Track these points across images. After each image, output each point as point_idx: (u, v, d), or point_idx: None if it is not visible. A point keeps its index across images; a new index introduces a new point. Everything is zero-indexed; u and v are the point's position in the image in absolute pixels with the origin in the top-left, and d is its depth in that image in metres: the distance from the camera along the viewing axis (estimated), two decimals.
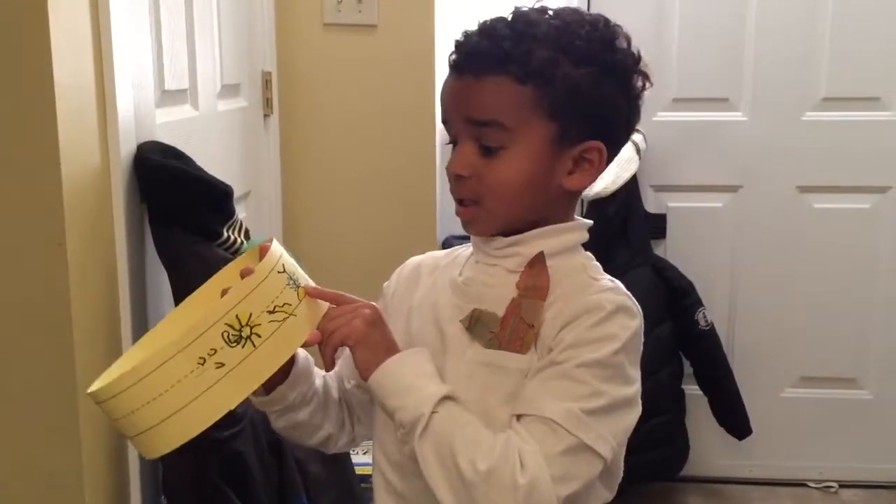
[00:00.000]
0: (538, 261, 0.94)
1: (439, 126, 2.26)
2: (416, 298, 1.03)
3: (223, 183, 1.43)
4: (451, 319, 0.97)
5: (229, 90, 1.88)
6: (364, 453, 2.06)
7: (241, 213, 1.59)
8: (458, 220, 0.98)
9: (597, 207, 2.20)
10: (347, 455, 1.71)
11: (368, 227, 2.26)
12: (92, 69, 1.20)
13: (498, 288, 0.95)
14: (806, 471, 2.56)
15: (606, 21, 0.96)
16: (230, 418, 0.93)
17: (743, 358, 2.50)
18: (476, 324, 0.94)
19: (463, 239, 2.05)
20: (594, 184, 1.00)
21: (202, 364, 0.80)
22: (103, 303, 1.24)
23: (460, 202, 0.96)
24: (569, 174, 0.95)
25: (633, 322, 0.92)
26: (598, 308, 0.90)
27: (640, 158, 2.30)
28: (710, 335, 2.34)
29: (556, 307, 0.92)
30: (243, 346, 0.82)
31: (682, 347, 2.34)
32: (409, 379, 0.90)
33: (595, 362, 0.88)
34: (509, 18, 0.94)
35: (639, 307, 0.94)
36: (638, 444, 0.98)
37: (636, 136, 2.28)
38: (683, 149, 2.41)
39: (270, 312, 0.84)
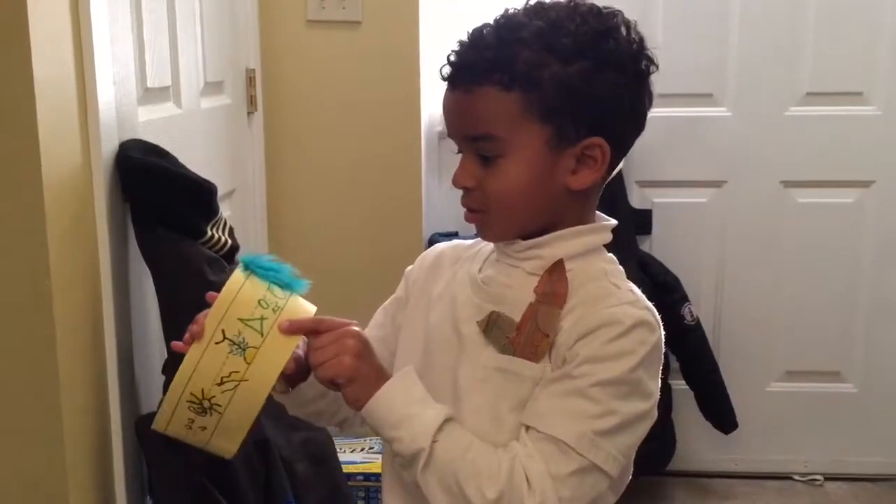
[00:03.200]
0: (557, 267, 0.93)
1: (424, 122, 2.26)
2: (436, 290, 1.02)
3: (207, 181, 1.42)
4: (469, 319, 0.96)
5: (213, 87, 1.87)
6: (351, 451, 2.05)
7: (225, 211, 1.58)
8: (443, 218, 0.98)
9: None
10: (335, 454, 1.71)
11: (354, 224, 2.25)
12: (73, 66, 1.19)
13: (517, 290, 0.94)
14: (791, 464, 2.58)
15: (600, 11, 0.94)
16: None
17: (729, 352, 2.51)
18: (492, 327, 0.93)
19: (449, 236, 2.05)
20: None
21: (190, 428, 0.90)
22: (85, 303, 1.23)
23: (468, 209, 0.96)
24: (573, 173, 0.93)
25: (651, 336, 0.91)
26: (617, 323, 0.89)
27: None
28: (697, 330, 2.34)
29: (574, 315, 0.91)
30: (211, 415, 0.89)
31: (668, 343, 2.31)
32: (402, 408, 0.90)
33: (610, 381, 0.88)
34: (496, 23, 0.93)
35: (658, 319, 0.94)
36: None
37: None
38: (668, 144, 2.40)
39: (219, 384, 0.87)
